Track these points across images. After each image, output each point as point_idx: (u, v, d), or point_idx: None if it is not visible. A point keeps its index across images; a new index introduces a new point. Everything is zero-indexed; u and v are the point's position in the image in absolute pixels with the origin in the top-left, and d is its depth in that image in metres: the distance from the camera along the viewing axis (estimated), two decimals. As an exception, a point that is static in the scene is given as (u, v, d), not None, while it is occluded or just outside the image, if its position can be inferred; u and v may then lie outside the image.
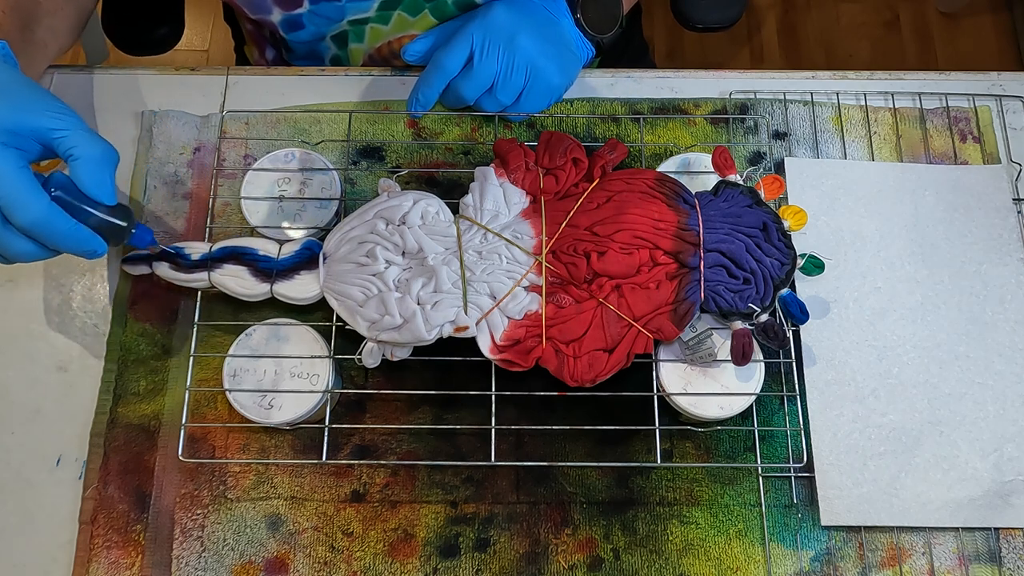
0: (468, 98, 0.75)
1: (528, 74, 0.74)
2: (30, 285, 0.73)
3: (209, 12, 1.81)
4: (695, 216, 0.66)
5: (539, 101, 0.76)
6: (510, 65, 0.73)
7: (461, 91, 0.74)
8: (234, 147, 0.77)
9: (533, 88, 0.75)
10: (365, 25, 0.83)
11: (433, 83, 0.75)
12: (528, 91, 0.75)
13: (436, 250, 0.65)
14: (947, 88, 0.81)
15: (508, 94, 0.75)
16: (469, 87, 0.74)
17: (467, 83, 0.74)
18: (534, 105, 0.77)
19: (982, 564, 0.66)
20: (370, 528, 0.66)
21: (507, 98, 0.75)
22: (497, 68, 0.73)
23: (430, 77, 0.75)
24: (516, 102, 0.76)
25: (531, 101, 0.76)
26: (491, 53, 0.73)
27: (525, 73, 0.74)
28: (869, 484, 0.67)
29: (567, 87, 0.78)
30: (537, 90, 0.75)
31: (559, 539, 0.66)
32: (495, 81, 0.74)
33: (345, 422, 0.69)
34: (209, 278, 0.66)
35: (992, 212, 0.75)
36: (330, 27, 0.83)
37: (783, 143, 0.79)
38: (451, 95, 0.76)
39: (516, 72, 0.74)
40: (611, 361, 0.63)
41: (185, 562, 0.65)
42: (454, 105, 0.78)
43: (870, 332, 0.71)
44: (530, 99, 0.76)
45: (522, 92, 0.75)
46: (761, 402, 0.69)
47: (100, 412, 0.69)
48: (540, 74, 0.74)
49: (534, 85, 0.75)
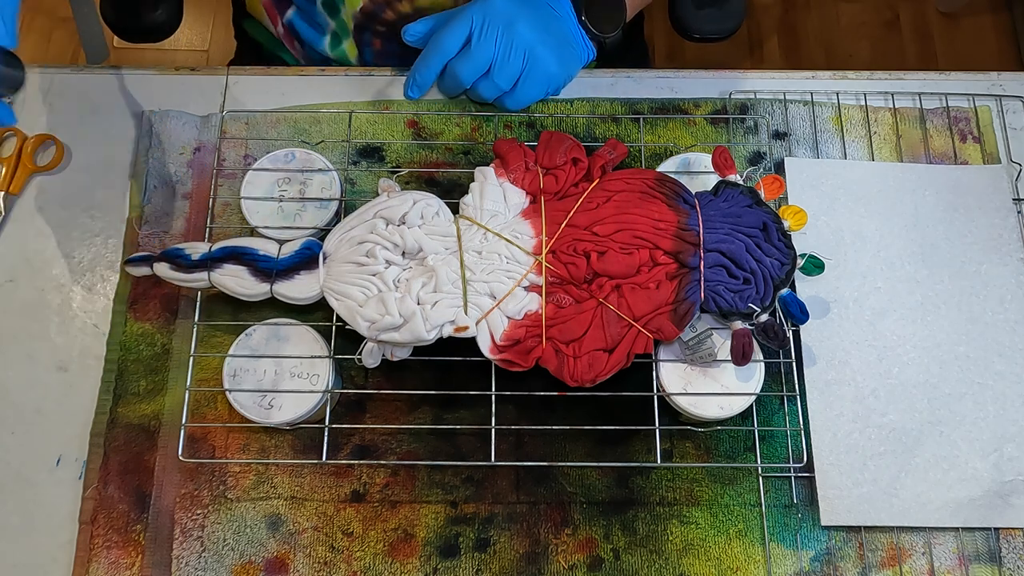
0: (465, 80, 0.74)
1: (526, 59, 0.74)
2: (30, 285, 0.73)
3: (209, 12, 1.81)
4: (695, 216, 0.66)
5: (536, 89, 0.76)
6: (508, 49, 0.73)
7: (458, 72, 0.74)
8: (234, 147, 0.77)
9: (530, 74, 0.75)
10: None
11: (431, 63, 0.75)
12: (525, 77, 0.75)
13: (436, 250, 0.65)
14: (947, 88, 0.81)
15: (505, 78, 0.74)
16: (466, 68, 0.74)
17: (464, 64, 0.73)
18: (531, 93, 0.76)
19: (982, 564, 0.66)
20: (370, 528, 0.66)
21: (504, 82, 0.75)
22: (495, 51, 0.73)
23: (428, 57, 0.75)
24: (513, 89, 0.76)
25: (528, 88, 0.76)
26: (489, 35, 0.73)
27: (523, 58, 0.74)
28: (869, 484, 0.67)
29: (566, 80, 0.78)
30: (534, 77, 0.75)
31: (559, 539, 0.66)
32: (492, 64, 0.74)
33: (345, 422, 0.69)
34: (209, 278, 0.66)
35: (992, 212, 0.75)
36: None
37: (783, 143, 0.79)
38: (448, 78, 0.76)
39: (514, 56, 0.73)
40: (611, 361, 0.63)
41: (185, 562, 0.65)
42: (451, 90, 0.77)
43: (870, 332, 0.71)
44: (527, 86, 0.76)
45: (519, 78, 0.75)
46: (761, 402, 0.69)
47: (100, 412, 0.69)
48: (538, 61, 0.74)
49: (531, 71, 0.75)
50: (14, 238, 0.75)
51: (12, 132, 0.77)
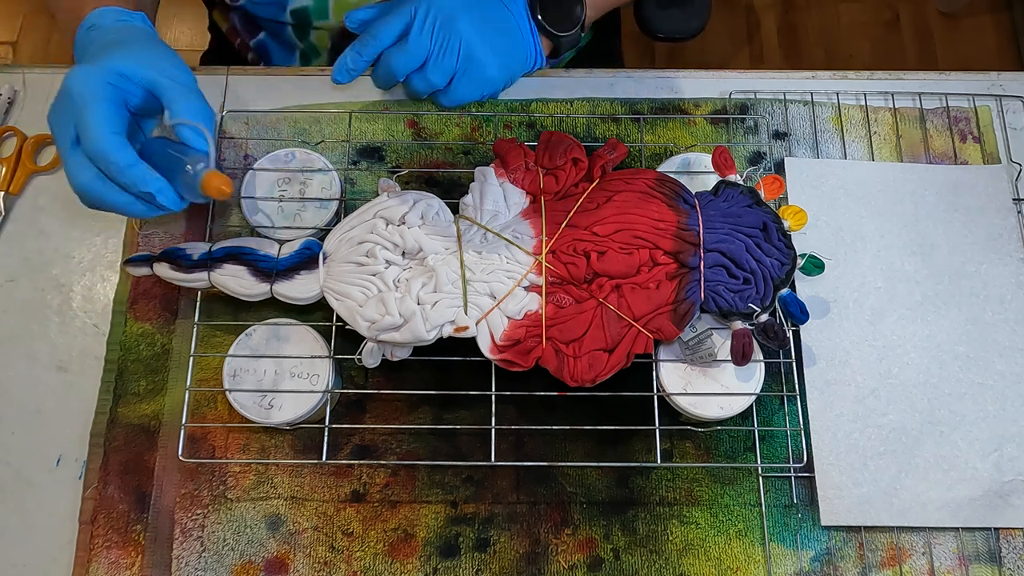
0: (397, 72, 0.73)
1: (462, 58, 0.73)
2: (30, 285, 0.73)
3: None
4: (695, 216, 0.66)
5: (471, 89, 0.75)
6: (444, 44, 0.72)
7: (391, 63, 0.73)
8: (234, 147, 0.77)
9: (466, 74, 0.74)
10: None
11: (364, 52, 0.73)
12: (460, 76, 0.74)
13: (436, 250, 0.65)
14: (947, 88, 0.81)
15: (439, 75, 0.73)
16: (399, 60, 0.72)
17: (398, 56, 0.72)
18: (466, 93, 0.75)
19: (982, 564, 0.66)
20: (370, 528, 0.66)
21: (437, 79, 0.74)
22: (431, 45, 0.72)
23: (362, 45, 0.73)
24: (448, 87, 0.75)
25: (463, 88, 0.75)
26: (427, 29, 0.72)
27: (457, 56, 0.73)
28: (869, 484, 0.67)
29: (507, 83, 0.77)
30: (470, 77, 0.74)
31: (559, 539, 0.66)
32: (427, 59, 0.73)
33: (345, 422, 0.69)
34: (209, 278, 0.66)
35: (992, 212, 0.75)
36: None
37: (783, 143, 0.79)
38: (382, 68, 0.74)
39: (449, 53, 0.72)
40: (611, 361, 0.63)
41: (185, 562, 0.65)
42: (384, 81, 0.76)
43: (870, 332, 0.71)
44: (462, 85, 0.75)
45: (454, 76, 0.74)
46: (761, 402, 0.69)
47: (100, 412, 0.69)
48: (475, 62, 0.73)
49: (467, 71, 0.74)
50: (14, 238, 0.75)
51: (12, 132, 0.77)
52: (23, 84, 0.80)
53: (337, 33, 0.90)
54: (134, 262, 0.68)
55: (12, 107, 0.79)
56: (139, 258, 0.68)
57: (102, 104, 0.59)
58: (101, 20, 0.67)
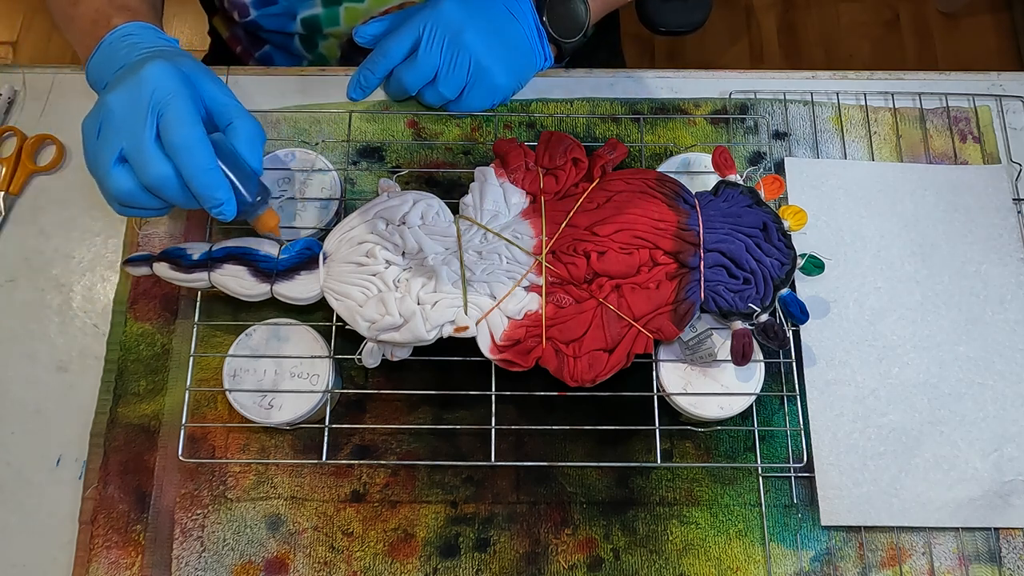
0: (410, 88, 0.75)
1: (471, 70, 0.74)
2: (30, 285, 0.73)
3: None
4: (695, 216, 0.66)
5: (482, 99, 0.76)
6: (454, 58, 0.73)
7: (403, 79, 0.74)
8: (234, 147, 0.77)
9: (476, 85, 0.75)
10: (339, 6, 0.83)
11: (376, 69, 0.75)
12: (471, 88, 0.75)
13: (436, 250, 0.65)
14: (947, 88, 0.81)
15: (450, 88, 0.74)
16: (411, 76, 0.74)
17: (409, 72, 0.74)
18: (476, 103, 0.76)
19: (982, 564, 0.66)
20: (370, 528, 0.66)
21: (449, 92, 0.75)
22: (440, 60, 0.73)
23: (373, 63, 0.75)
24: (459, 98, 0.76)
25: (474, 97, 0.76)
26: (436, 44, 0.73)
27: (468, 69, 0.74)
28: (869, 484, 0.67)
29: (516, 89, 0.78)
30: (480, 88, 0.75)
31: (559, 539, 0.66)
32: (437, 73, 0.74)
33: (345, 422, 0.69)
34: (209, 278, 0.66)
35: (992, 212, 0.75)
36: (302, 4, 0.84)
37: (783, 143, 0.79)
38: (394, 83, 0.76)
39: (459, 67, 0.73)
40: (611, 361, 0.63)
41: (185, 562, 0.65)
42: (397, 95, 0.77)
43: (870, 332, 0.71)
44: (473, 95, 0.76)
45: (464, 88, 0.75)
46: (761, 402, 0.69)
47: (100, 412, 0.69)
48: (484, 72, 0.74)
49: (477, 82, 0.75)
50: (14, 238, 0.75)
51: (12, 132, 0.77)
52: (23, 84, 0.80)
53: (347, 42, 0.90)
54: (134, 262, 0.68)
55: (12, 107, 0.79)
56: (139, 258, 0.68)
57: (189, 101, 0.57)
58: (141, 34, 0.65)
